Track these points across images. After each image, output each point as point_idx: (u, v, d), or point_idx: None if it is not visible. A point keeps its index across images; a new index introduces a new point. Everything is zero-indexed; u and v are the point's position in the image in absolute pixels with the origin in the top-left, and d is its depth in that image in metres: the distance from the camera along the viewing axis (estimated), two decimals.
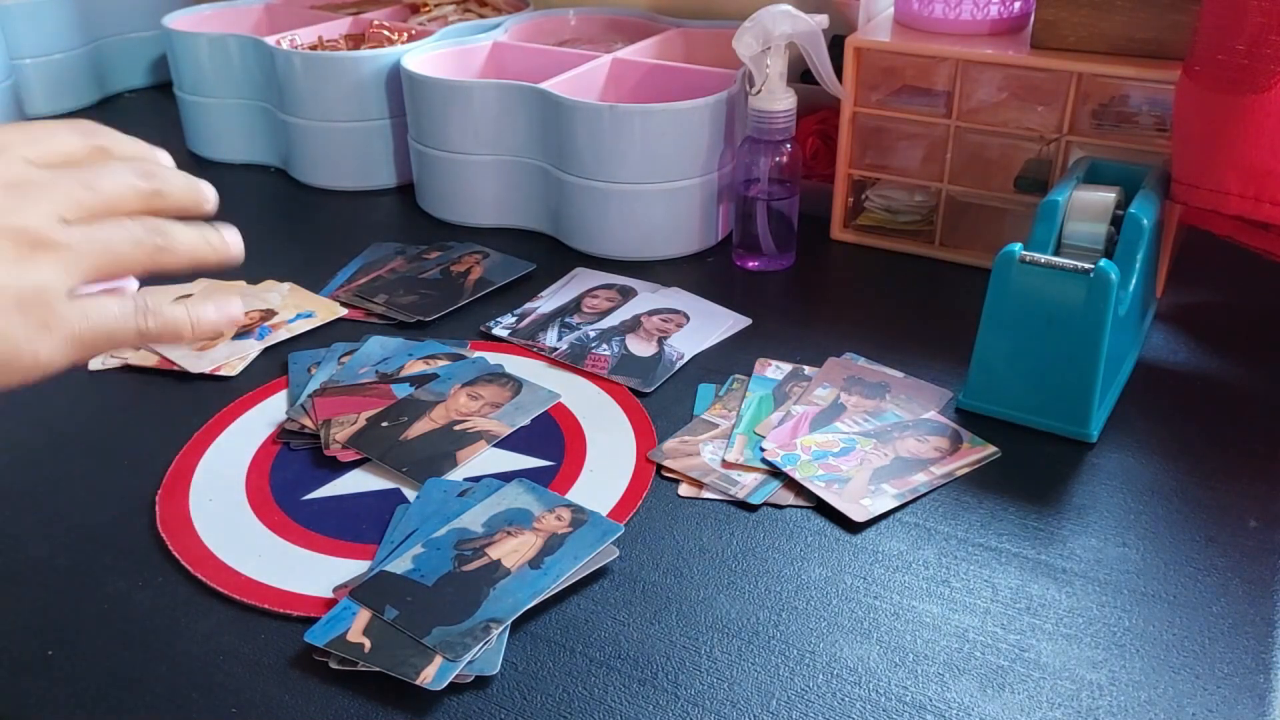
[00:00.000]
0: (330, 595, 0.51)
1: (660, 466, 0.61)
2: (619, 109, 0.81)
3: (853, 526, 0.57)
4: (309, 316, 0.77)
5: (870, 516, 0.57)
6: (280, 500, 0.59)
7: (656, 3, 1.09)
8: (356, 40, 1.10)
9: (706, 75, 0.89)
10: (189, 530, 0.56)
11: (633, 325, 0.76)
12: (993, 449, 0.62)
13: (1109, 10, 0.75)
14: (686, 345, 0.73)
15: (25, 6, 1.15)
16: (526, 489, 0.58)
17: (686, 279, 0.82)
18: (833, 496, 0.58)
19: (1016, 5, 0.82)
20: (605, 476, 0.60)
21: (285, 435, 0.64)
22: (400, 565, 0.52)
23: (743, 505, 0.58)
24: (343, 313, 0.78)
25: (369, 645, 0.48)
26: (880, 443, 0.63)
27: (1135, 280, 0.65)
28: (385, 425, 0.64)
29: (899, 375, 0.69)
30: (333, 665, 0.47)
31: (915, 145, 0.86)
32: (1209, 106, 0.64)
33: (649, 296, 0.80)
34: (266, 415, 0.66)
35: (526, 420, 0.65)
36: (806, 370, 0.70)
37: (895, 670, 0.48)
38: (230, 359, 0.72)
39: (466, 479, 0.60)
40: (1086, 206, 0.66)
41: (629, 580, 0.53)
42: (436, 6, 1.15)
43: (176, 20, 1.09)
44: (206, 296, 0.78)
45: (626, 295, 0.80)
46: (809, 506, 0.58)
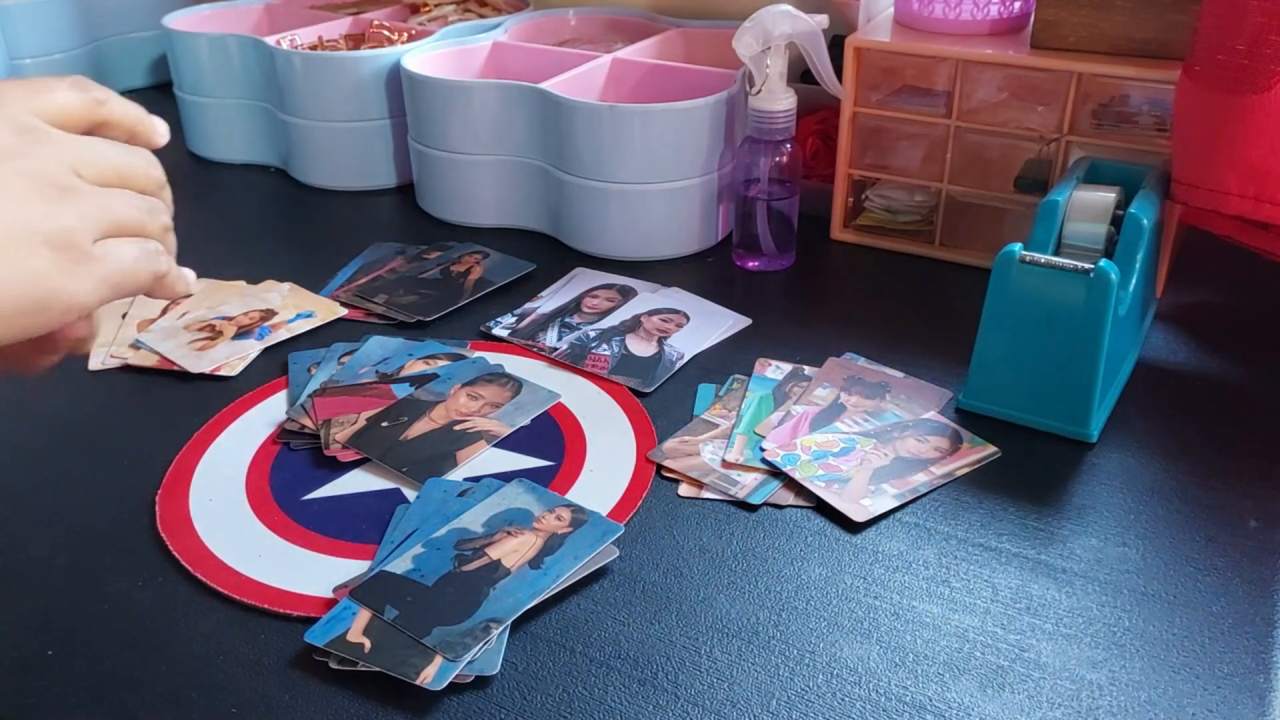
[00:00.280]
0: (330, 595, 0.51)
1: (660, 466, 0.61)
2: (619, 109, 0.81)
3: (853, 526, 0.57)
4: (309, 316, 0.77)
5: (870, 516, 0.57)
6: (280, 500, 0.59)
7: (656, 3, 1.09)
8: (356, 40, 1.10)
9: (706, 75, 0.89)
10: (189, 530, 0.56)
11: (633, 325, 0.76)
12: (993, 449, 0.62)
13: (1109, 10, 0.75)
14: (686, 345, 0.73)
15: (25, 6, 1.15)
16: (526, 489, 0.58)
17: (686, 279, 0.82)
18: (833, 496, 0.58)
19: (1016, 5, 0.82)
20: (605, 476, 0.60)
21: (285, 435, 0.64)
22: (400, 565, 0.52)
23: (743, 505, 0.58)
24: (343, 313, 0.78)
25: (369, 645, 0.48)
26: (880, 443, 0.62)
27: (1135, 280, 0.65)
28: (385, 425, 0.64)
29: (899, 375, 0.69)
30: (333, 665, 0.47)
31: (915, 145, 0.86)
32: (1209, 106, 0.64)
33: (649, 296, 0.80)
34: (266, 415, 0.66)
35: (526, 420, 0.65)
36: (806, 370, 0.70)
37: (895, 670, 0.48)
38: (230, 359, 0.72)
39: (466, 479, 0.60)
40: (1086, 206, 0.66)
41: (629, 580, 0.53)
42: (436, 6, 1.15)
43: (176, 20, 1.09)
44: (209, 292, 0.79)
45: (626, 295, 0.80)
46: (809, 506, 0.58)
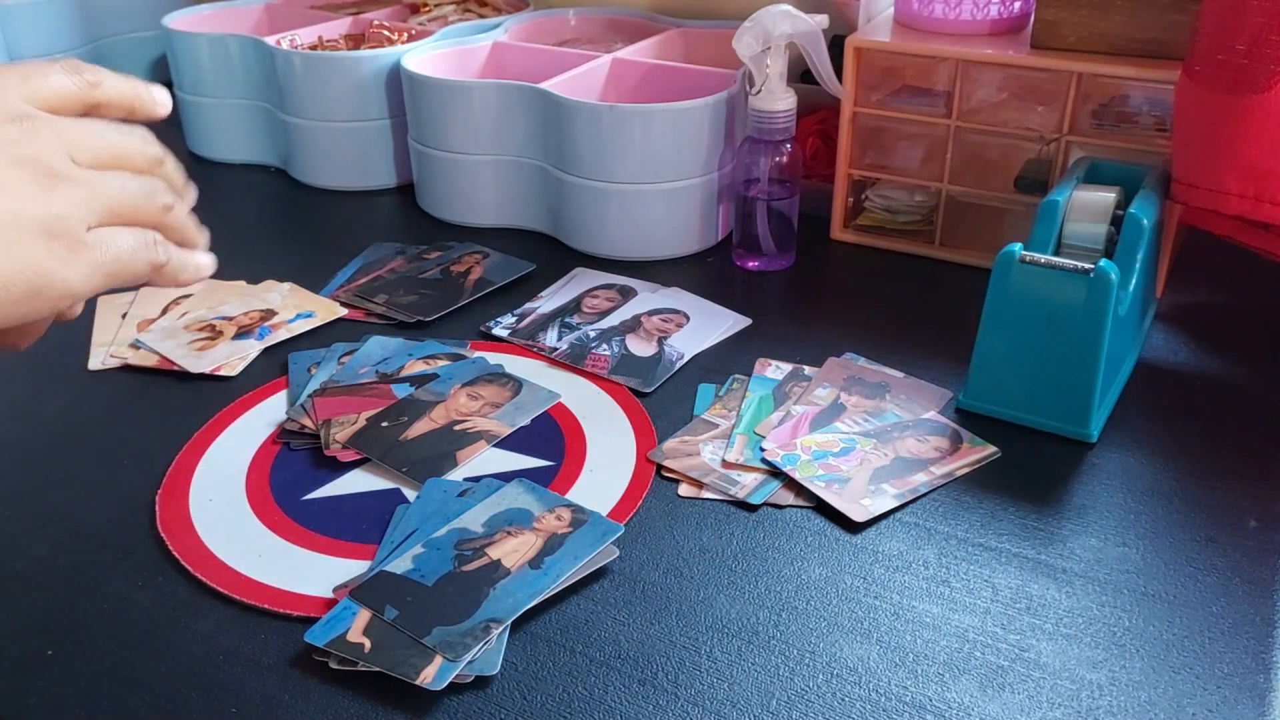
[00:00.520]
0: (330, 595, 0.51)
1: (660, 466, 0.61)
2: (619, 109, 0.81)
3: (853, 526, 0.57)
4: (309, 316, 0.77)
5: (870, 516, 0.57)
6: (280, 500, 0.59)
7: (656, 3, 1.09)
8: (356, 40, 1.10)
9: (706, 75, 0.89)
10: (189, 530, 0.56)
11: (633, 325, 0.76)
12: (993, 449, 0.62)
13: (1109, 10, 0.75)
14: (686, 345, 0.73)
15: (25, 6, 1.15)
16: (526, 489, 0.58)
17: (686, 279, 0.82)
18: (833, 496, 0.58)
19: (1016, 5, 0.82)
20: (605, 476, 0.60)
21: (285, 435, 0.64)
22: (400, 565, 0.52)
23: (743, 505, 0.58)
24: (343, 313, 0.78)
25: (369, 645, 0.48)
26: (880, 443, 0.62)
27: (1135, 280, 0.65)
28: (385, 425, 0.64)
29: (899, 375, 0.69)
30: (333, 665, 0.47)
31: (915, 145, 0.86)
32: (1209, 106, 0.64)
33: (649, 296, 0.80)
34: (266, 415, 0.66)
35: (526, 420, 0.65)
36: (806, 370, 0.70)
37: (895, 670, 0.48)
38: (230, 359, 0.72)
39: (466, 479, 0.60)
40: (1086, 206, 0.66)
41: (629, 580, 0.53)
42: (436, 6, 1.15)
43: (176, 20, 1.09)
44: (209, 292, 0.79)
45: (626, 295, 0.80)
46: (809, 506, 0.58)
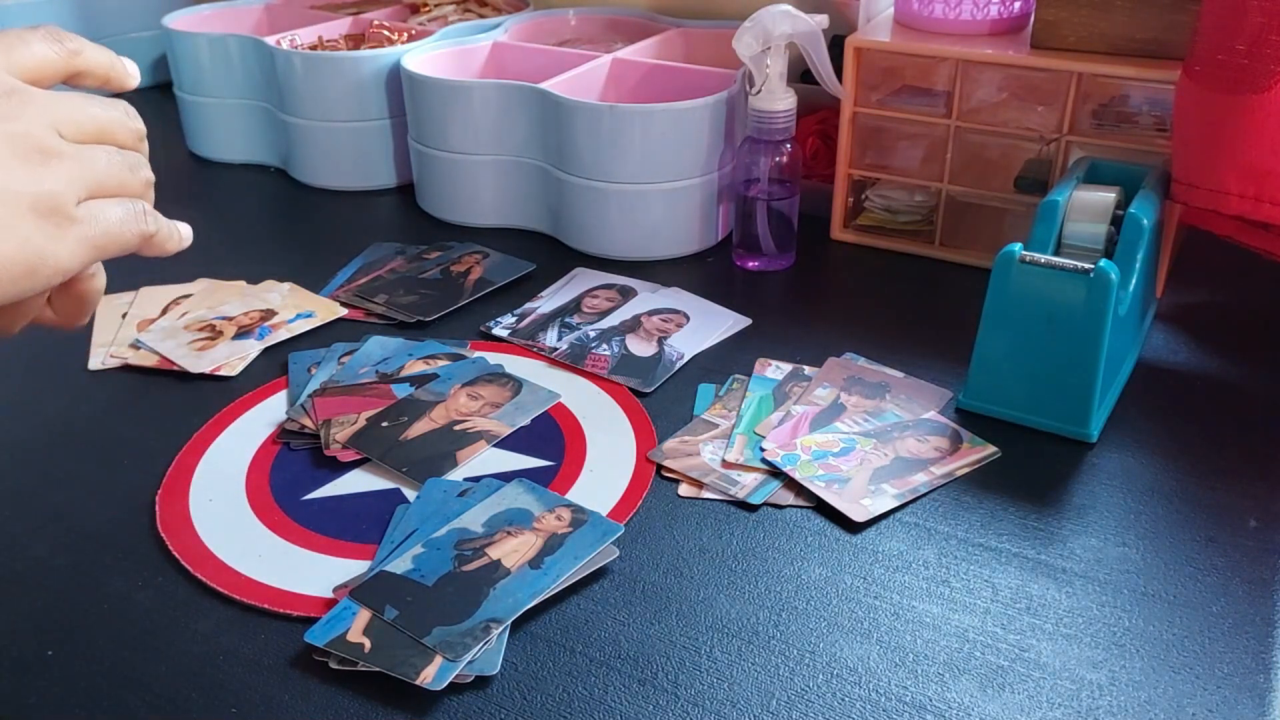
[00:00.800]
0: (330, 595, 0.51)
1: (660, 466, 0.61)
2: (619, 109, 0.81)
3: (853, 526, 0.57)
4: (309, 316, 0.77)
5: (870, 516, 0.57)
6: (280, 500, 0.59)
7: (656, 3, 1.09)
8: (356, 40, 1.10)
9: (706, 75, 0.89)
10: (189, 530, 0.56)
11: (633, 325, 0.76)
12: (993, 449, 0.62)
13: (1109, 10, 0.75)
14: (686, 345, 0.73)
15: (25, 6, 1.16)
16: (526, 489, 0.58)
17: (686, 279, 0.82)
18: (833, 496, 0.58)
19: (1016, 5, 0.82)
20: (605, 476, 0.60)
21: (285, 435, 0.64)
22: (400, 565, 0.52)
23: (743, 505, 0.58)
24: (343, 313, 0.78)
25: (369, 645, 0.48)
26: (880, 443, 0.62)
27: (1135, 280, 0.65)
28: (385, 425, 0.64)
29: (899, 375, 0.69)
30: (333, 665, 0.47)
31: (915, 145, 0.86)
32: (1209, 106, 0.64)
33: (649, 296, 0.80)
34: (266, 415, 0.66)
35: (526, 420, 0.65)
36: (806, 370, 0.70)
37: (895, 670, 0.48)
38: (230, 359, 0.72)
39: (466, 479, 0.60)
40: (1086, 206, 0.66)
41: (629, 580, 0.53)
42: (436, 6, 1.15)
43: (176, 20, 1.09)
44: (209, 292, 0.79)
45: (626, 295, 0.80)
46: (809, 506, 0.58)
